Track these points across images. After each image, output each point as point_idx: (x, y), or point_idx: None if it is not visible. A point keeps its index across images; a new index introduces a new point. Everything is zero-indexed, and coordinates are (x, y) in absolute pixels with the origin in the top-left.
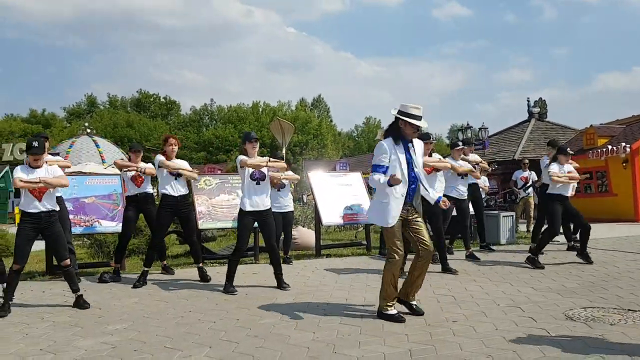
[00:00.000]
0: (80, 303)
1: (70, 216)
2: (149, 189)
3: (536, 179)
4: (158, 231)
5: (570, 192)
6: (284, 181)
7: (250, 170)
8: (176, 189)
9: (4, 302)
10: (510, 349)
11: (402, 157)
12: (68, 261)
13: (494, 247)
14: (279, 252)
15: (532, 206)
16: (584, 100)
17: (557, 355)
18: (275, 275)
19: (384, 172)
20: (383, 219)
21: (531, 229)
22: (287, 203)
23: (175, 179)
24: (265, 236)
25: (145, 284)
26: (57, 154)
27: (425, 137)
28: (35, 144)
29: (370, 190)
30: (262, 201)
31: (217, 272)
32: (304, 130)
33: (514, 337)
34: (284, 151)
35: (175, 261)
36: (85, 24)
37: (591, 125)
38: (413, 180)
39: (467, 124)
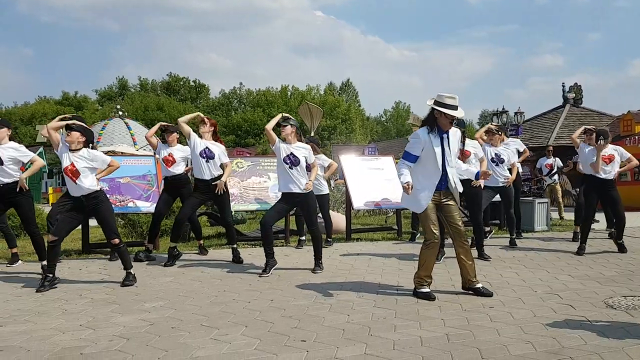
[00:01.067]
0: (129, 279)
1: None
2: (178, 171)
3: (561, 165)
4: (183, 208)
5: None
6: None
7: (283, 154)
8: (207, 172)
9: (43, 278)
10: (549, 336)
11: (438, 149)
12: (117, 240)
13: (525, 235)
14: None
15: (560, 193)
16: (619, 86)
17: (598, 343)
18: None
19: (413, 162)
20: (415, 204)
21: (564, 215)
22: (321, 186)
23: (207, 161)
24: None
25: (175, 263)
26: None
27: (460, 124)
28: (73, 122)
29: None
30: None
31: (249, 254)
32: (332, 114)
33: (552, 324)
34: (312, 135)
35: (206, 242)
36: (117, 7)
37: (628, 112)
38: (445, 171)
39: (503, 108)
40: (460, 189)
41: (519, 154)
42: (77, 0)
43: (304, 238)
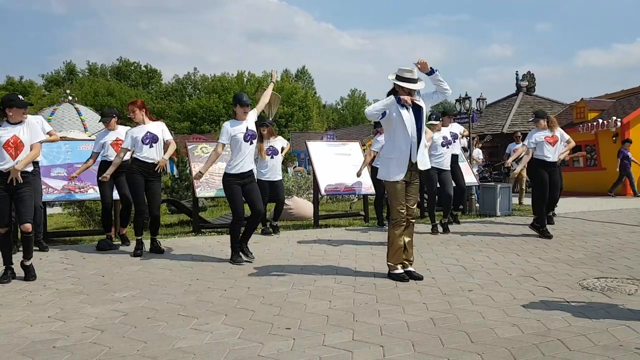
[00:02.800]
0: (28, 272)
1: (64, 183)
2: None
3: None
4: (136, 196)
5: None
6: (276, 148)
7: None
8: (154, 156)
9: (5, 269)
10: (533, 318)
11: (406, 113)
12: (29, 226)
13: (492, 219)
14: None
15: (524, 179)
16: (567, 76)
17: (583, 325)
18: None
19: (382, 113)
20: (387, 173)
21: (524, 201)
22: (278, 171)
23: (151, 146)
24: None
25: (142, 252)
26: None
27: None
28: (22, 97)
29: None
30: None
31: (217, 241)
32: (290, 101)
33: (533, 306)
34: (270, 120)
35: (169, 230)
36: None
37: (582, 99)
38: (415, 138)
39: (466, 94)
40: (428, 166)
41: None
42: None
43: (276, 224)
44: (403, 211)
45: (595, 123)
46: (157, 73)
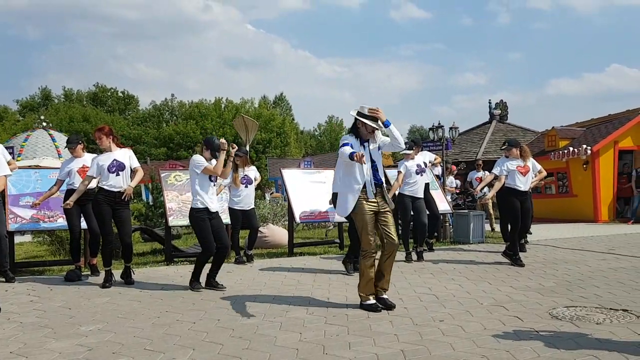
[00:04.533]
0: None
1: (34, 212)
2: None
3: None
4: (104, 226)
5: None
6: (250, 177)
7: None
8: (120, 185)
9: None
10: (503, 349)
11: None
12: None
13: (466, 246)
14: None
15: (490, 205)
16: (539, 104)
17: (551, 355)
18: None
19: (352, 146)
20: (342, 209)
21: (495, 227)
22: (251, 200)
23: (117, 174)
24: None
25: (113, 283)
26: (12, 148)
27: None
28: None
29: None
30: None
31: (190, 271)
32: (267, 128)
33: (503, 336)
34: (247, 148)
35: (141, 259)
36: (40, 13)
37: (553, 127)
38: (372, 175)
39: (439, 123)
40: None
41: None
42: None
43: (250, 253)
44: (373, 241)
45: (566, 151)
46: (134, 99)
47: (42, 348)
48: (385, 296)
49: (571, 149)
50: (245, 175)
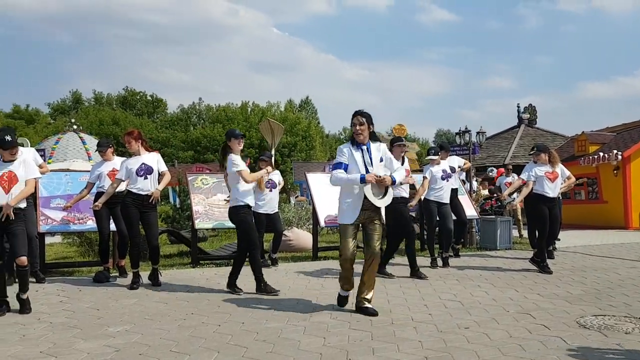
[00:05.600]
0: (23, 305)
1: (64, 214)
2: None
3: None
4: (133, 229)
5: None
6: (275, 181)
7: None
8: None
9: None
10: (528, 358)
11: (359, 158)
12: (24, 260)
13: (492, 252)
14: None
15: (519, 211)
16: (570, 108)
17: None
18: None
19: (345, 169)
20: (341, 217)
21: (523, 233)
22: (275, 204)
23: (145, 178)
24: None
25: (140, 285)
26: (43, 150)
27: (396, 140)
28: (9, 137)
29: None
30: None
31: (215, 274)
32: (293, 131)
33: (529, 345)
34: (273, 151)
35: (168, 261)
36: (71, 19)
37: (583, 132)
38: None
39: (466, 128)
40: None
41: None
42: (28, 10)
43: (275, 256)
44: (351, 247)
45: (596, 156)
46: (163, 102)
47: (71, 348)
48: (367, 305)
49: (601, 154)
50: (270, 179)
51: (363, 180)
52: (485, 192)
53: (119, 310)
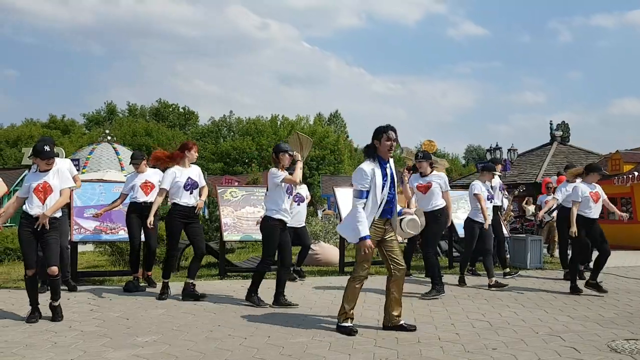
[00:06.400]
0: (55, 313)
1: (97, 223)
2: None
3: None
4: (173, 240)
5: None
6: (303, 195)
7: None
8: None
9: (32, 309)
10: None
11: (379, 180)
12: (55, 270)
13: (522, 272)
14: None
15: (557, 231)
16: (603, 125)
17: None
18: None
19: (366, 198)
20: (354, 235)
21: (555, 254)
22: (303, 218)
23: (191, 192)
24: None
25: (168, 295)
26: (77, 160)
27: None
28: (47, 148)
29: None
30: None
31: (242, 286)
32: (321, 145)
33: None
34: (301, 165)
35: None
36: (105, 31)
37: (617, 151)
38: (390, 198)
39: (497, 145)
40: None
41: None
42: (61, 23)
43: (299, 268)
44: (368, 267)
45: (630, 175)
46: (194, 115)
47: (101, 357)
48: (402, 322)
49: (636, 173)
50: (298, 193)
51: (364, 239)
52: (531, 208)
53: (147, 321)
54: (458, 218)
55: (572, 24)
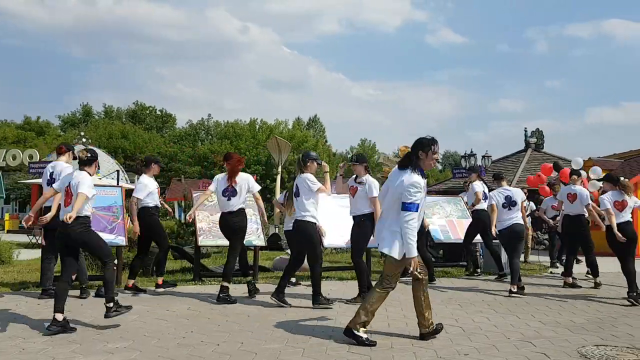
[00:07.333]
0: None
1: None
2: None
3: (534, 208)
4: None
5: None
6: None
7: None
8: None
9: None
10: None
11: (424, 193)
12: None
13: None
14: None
15: (530, 236)
16: (578, 133)
17: None
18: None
19: (416, 211)
20: (403, 251)
21: (528, 259)
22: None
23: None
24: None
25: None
26: (50, 162)
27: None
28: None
29: None
30: None
31: (217, 291)
32: (300, 149)
33: None
34: (279, 169)
35: (171, 277)
36: (84, 33)
37: (589, 158)
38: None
39: (471, 151)
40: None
41: None
42: (42, 24)
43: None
44: (397, 281)
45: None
46: (172, 117)
47: None
48: (433, 325)
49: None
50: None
51: (414, 257)
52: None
53: (119, 326)
54: (433, 224)
55: (549, 34)
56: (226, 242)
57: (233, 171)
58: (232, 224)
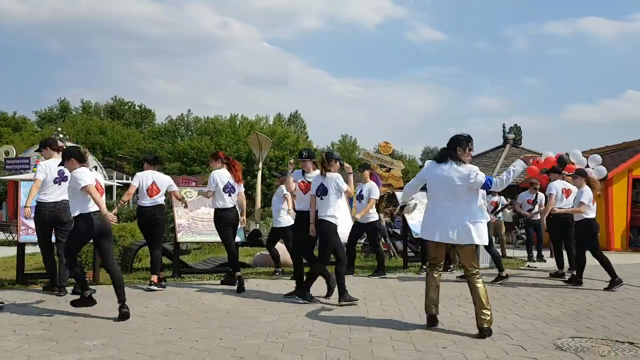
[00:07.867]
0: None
1: None
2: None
3: (506, 203)
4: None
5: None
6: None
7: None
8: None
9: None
10: None
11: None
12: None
13: None
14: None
15: (503, 230)
16: (556, 129)
17: None
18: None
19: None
20: (485, 237)
21: (506, 253)
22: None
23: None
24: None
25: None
26: (28, 159)
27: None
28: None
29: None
30: None
31: (195, 290)
32: (281, 145)
33: None
34: (260, 165)
35: (149, 274)
36: (61, 28)
37: (566, 153)
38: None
39: None
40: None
41: None
42: (17, 19)
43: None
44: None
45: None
46: (151, 113)
47: None
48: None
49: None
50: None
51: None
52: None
53: (96, 324)
54: (412, 219)
55: (527, 31)
56: (206, 239)
57: (237, 169)
58: (232, 218)
